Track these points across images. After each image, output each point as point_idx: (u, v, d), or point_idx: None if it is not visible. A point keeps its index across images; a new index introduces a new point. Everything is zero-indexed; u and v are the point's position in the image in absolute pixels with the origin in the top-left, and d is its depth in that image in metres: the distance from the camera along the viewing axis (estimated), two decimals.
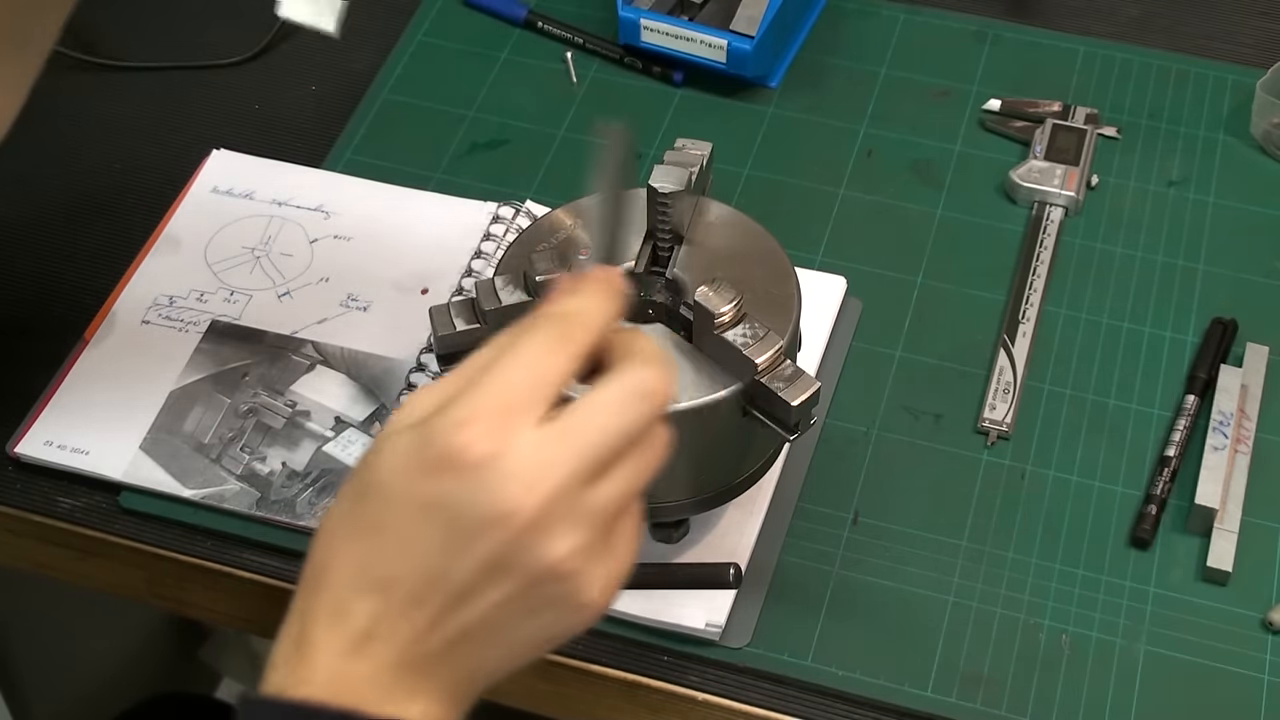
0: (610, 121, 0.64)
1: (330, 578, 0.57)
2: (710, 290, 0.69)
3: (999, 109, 1.02)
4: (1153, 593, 0.80)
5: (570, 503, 0.55)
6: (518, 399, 0.55)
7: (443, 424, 0.55)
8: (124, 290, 0.92)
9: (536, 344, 0.57)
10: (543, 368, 0.56)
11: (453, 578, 0.56)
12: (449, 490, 0.55)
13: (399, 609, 0.56)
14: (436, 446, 0.55)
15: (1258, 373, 0.88)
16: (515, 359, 0.56)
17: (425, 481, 0.55)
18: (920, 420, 0.87)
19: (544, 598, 0.57)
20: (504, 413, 0.55)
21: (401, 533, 0.56)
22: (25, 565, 0.89)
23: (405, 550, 0.56)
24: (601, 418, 0.56)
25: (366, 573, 0.57)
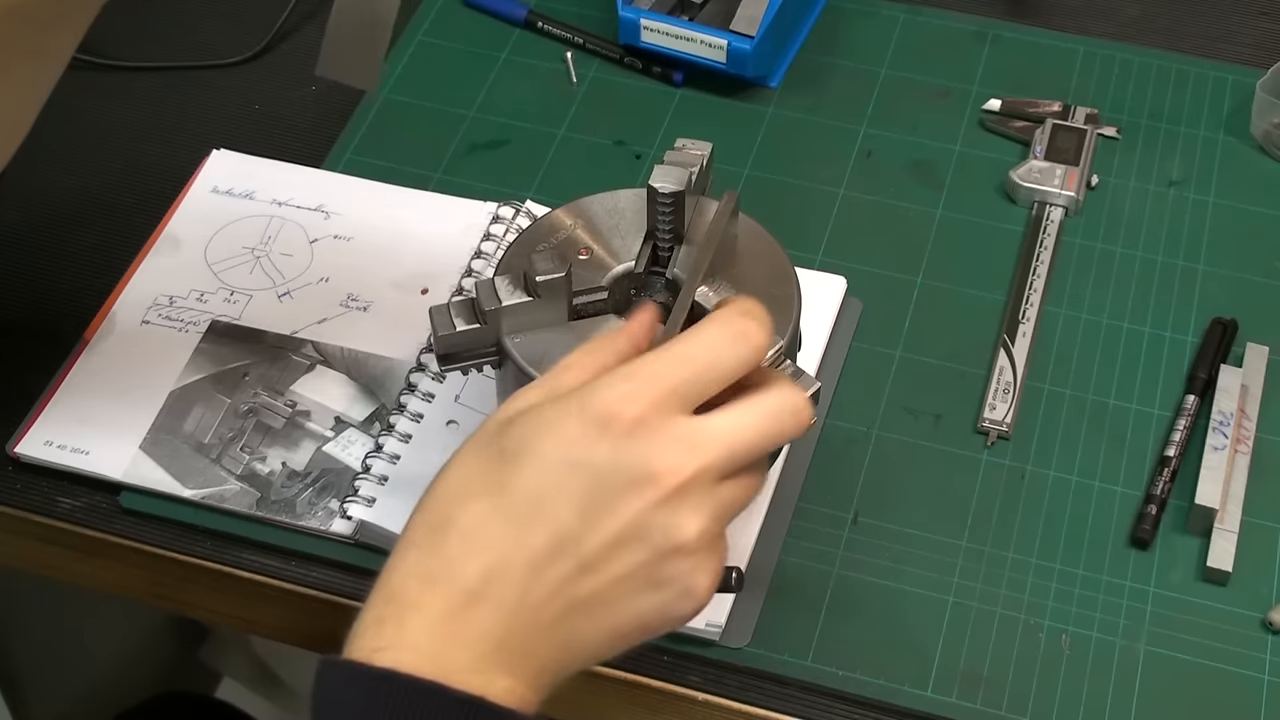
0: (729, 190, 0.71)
1: (445, 534, 0.57)
2: (710, 290, 0.69)
3: (999, 109, 1.02)
4: (1153, 593, 0.80)
5: (708, 490, 0.58)
6: (681, 383, 0.58)
7: (605, 392, 0.57)
8: (124, 290, 0.92)
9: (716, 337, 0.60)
10: (714, 361, 0.59)
11: (585, 542, 0.56)
12: (600, 451, 0.56)
13: (521, 569, 0.56)
14: (595, 408, 0.57)
15: (1258, 373, 0.88)
16: (691, 344, 0.59)
17: (575, 443, 0.57)
18: (920, 420, 0.87)
19: (665, 575, 0.58)
20: (667, 392, 0.57)
21: (538, 492, 0.57)
22: (25, 565, 0.89)
23: (539, 510, 0.57)
24: (753, 423, 0.59)
25: (491, 528, 0.57)
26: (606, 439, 0.57)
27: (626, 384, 0.58)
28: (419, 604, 0.56)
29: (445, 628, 0.56)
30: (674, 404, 0.58)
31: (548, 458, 0.57)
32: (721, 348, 0.59)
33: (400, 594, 0.57)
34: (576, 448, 0.57)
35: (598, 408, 0.57)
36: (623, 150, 1.01)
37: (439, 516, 0.58)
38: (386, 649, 0.55)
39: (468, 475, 0.59)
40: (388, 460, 0.83)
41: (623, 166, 1.00)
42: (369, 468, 0.83)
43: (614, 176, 0.98)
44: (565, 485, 0.57)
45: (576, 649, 0.58)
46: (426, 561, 0.57)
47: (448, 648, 0.55)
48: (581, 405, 0.57)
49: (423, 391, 0.86)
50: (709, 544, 0.58)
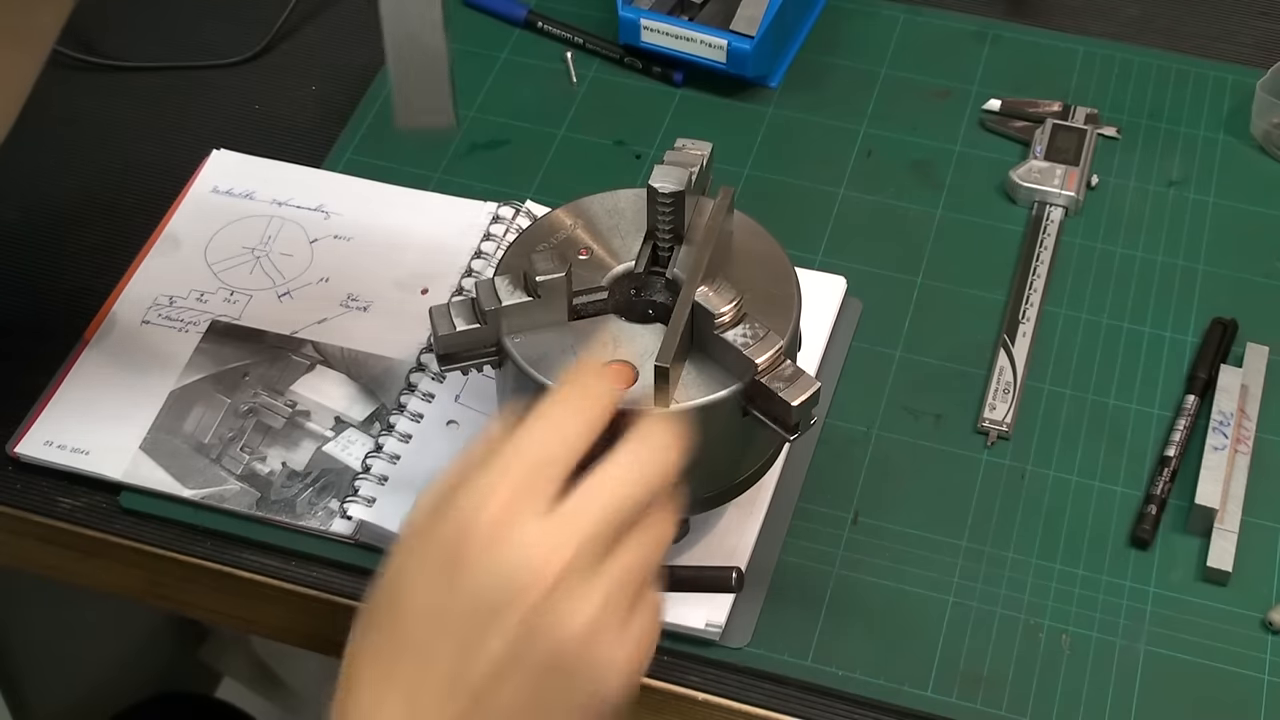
0: None
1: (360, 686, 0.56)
2: (710, 290, 0.69)
3: (999, 109, 1.02)
4: (1153, 593, 0.80)
5: (586, 571, 0.54)
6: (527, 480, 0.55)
7: (452, 516, 0.55)
8: (124, 290, 0.92)
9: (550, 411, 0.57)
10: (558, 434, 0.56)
11: (470, 679, 0.54)
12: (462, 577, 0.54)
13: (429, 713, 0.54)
14: (448, 540, 0.54)
15: (1258, 373, 0.88)
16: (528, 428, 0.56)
17: (435, 586, 0.55)
18: (920, 420, 0.87)
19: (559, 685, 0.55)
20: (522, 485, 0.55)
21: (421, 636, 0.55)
22: (25, 565, 0.89)
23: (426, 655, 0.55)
24: (615, 482, 0.56)
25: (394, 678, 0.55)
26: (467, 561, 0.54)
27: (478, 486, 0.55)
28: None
29: None
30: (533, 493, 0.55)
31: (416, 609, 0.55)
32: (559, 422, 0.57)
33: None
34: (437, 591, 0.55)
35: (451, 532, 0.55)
36: (623, 150, 1.01)
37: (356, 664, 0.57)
38: None
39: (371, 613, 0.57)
40: (388, 460, 0.83)
41: (623, 166, 1.00)
42: (369, 468, 0.83)
43: (614, 176, 0.97)
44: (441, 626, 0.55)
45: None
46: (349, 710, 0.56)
47: None
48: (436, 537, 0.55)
49: (423, 391, 0.86)
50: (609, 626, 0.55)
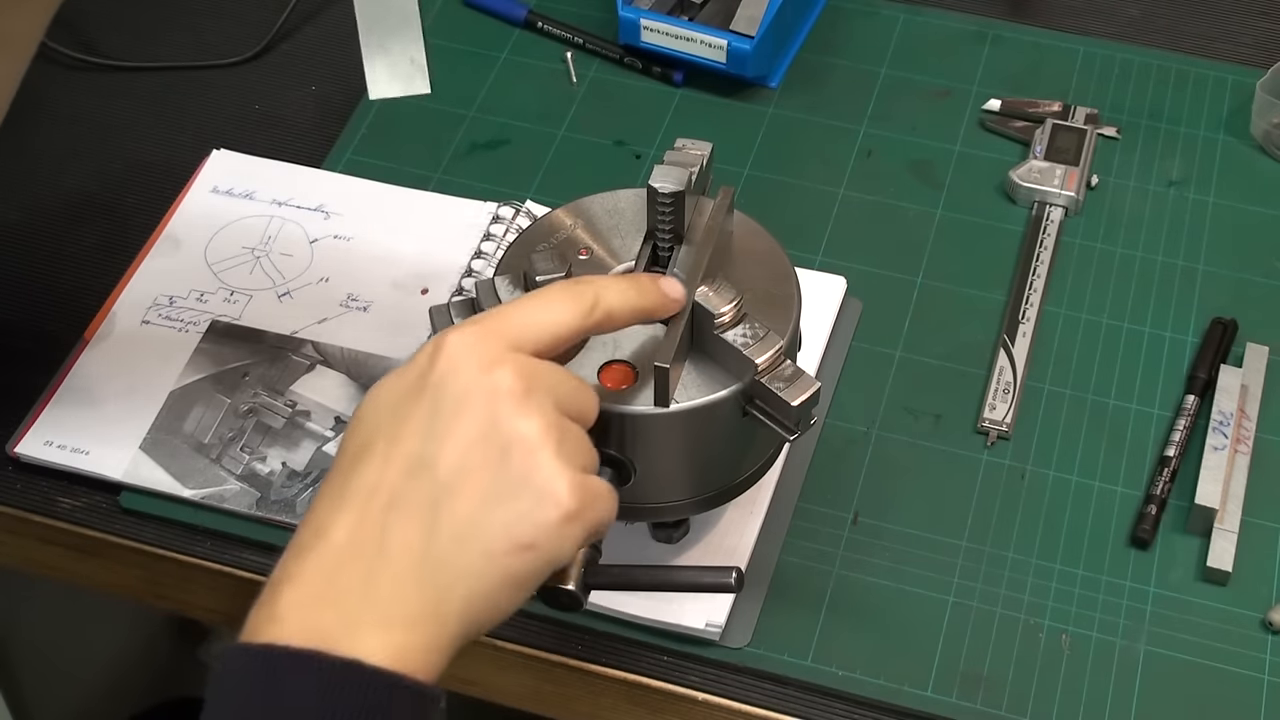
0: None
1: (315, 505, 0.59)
2: (710, 290, 0.69)
3: (999, 109, 1.02)
4: (1153, 593, 0.80)
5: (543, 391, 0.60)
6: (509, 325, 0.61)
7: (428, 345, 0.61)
8: (124, 290, 0.92)
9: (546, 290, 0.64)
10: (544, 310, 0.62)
11: (437, 460, 0.58)
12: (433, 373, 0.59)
13: (379, 510, 0.58)
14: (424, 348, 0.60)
15: (1258, 373, 0.88)
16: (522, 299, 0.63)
17: (409, 377, 0.60)
18: (920, 420, 0.87)
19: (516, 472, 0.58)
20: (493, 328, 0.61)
21: (387, 433, 0.59)
22: (25, 565, 0.89)
23: (390, 448, 0.59)
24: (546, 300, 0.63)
25: (351, 483, 0.59)
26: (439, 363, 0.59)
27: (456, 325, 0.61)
28: (291, 577, 0.57)
29: (314, 594, 0.56)
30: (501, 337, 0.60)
31: (388, 403, 0.60)
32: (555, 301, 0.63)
33: (278, 574, 0.58)
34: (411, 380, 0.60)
35: (427, 346, 0.60)
36: (623, 150, 1.01)
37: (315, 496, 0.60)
38: (261, 627, 0.56)
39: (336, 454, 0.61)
40: None
41: (623, 166, 1.00)
42: None
43: (614, 176, 0.98)
44: (408, 416, 0.59)
45: (454, 583, 0.57)
46: (301, 534, 0.59)
47: (314, 613, 0.56)
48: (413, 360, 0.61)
49: None
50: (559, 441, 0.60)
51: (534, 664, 0.80)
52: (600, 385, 0.70)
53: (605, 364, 0.70)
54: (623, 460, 0.70)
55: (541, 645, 0.79)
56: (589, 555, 0.67)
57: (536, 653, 0.79)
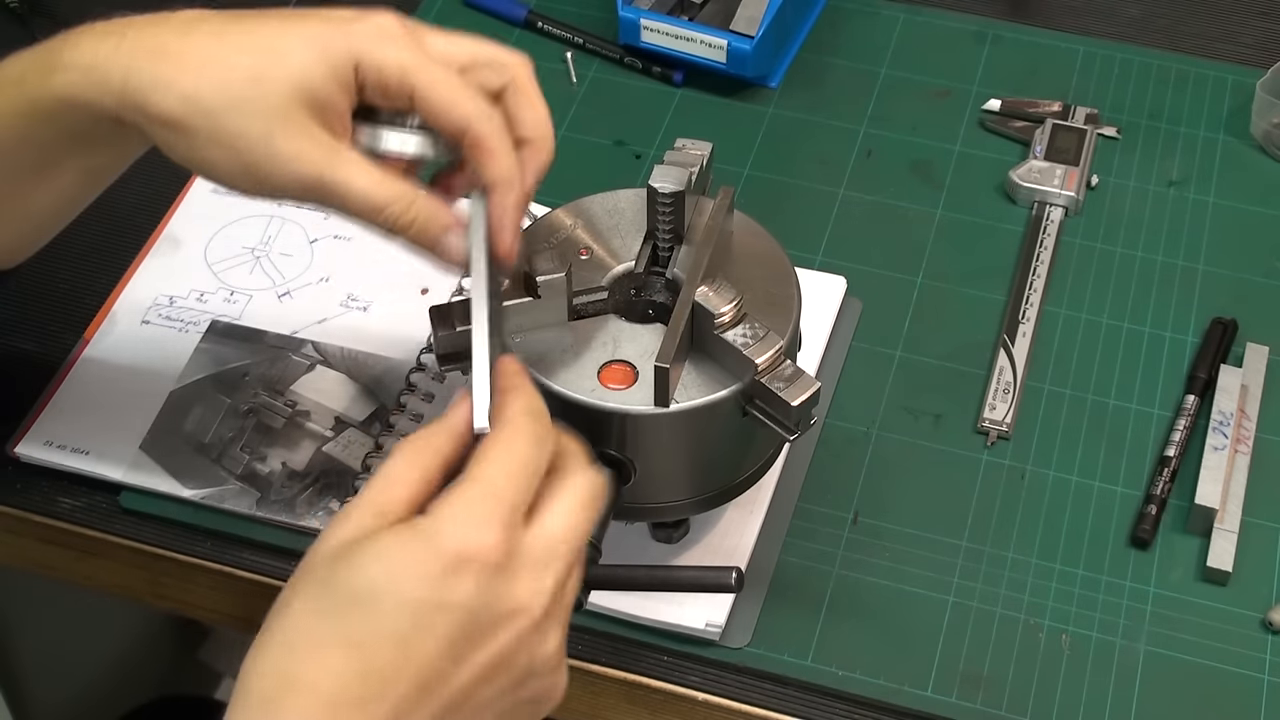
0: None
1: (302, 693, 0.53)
2: (710, 290, 0.69)
3: (999, 109, 1.02)
4: (1153, 593, 0.80)
5: (559, 602, 0.58)
6: (519, 500, 0.57)
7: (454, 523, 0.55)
8: (124, 290, 0.92)
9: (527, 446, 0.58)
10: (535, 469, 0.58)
11: (453, 682, 0.55)
12: (462, 590, 0.54)
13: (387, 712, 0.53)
14: (450, 546, 0.54)
15: (1258, 373, 0.88)
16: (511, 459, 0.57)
17: (435, 583, 0.54)
18: (920, 420, 0.87)
19: (528, 694, 0.57)
20: (509, 514, 0.56)
21: (402, 639, 0.54)
22: (25, 565, 0.89)
23: (404, 658, 0.53)
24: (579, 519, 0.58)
25: (351, 686, 0.53)
26: (467, 577, 0.54)
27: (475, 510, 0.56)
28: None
29: None
30: (518, 522, 0.56)
31: (405, 603, 0.54)
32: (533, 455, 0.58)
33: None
34: (437, 590, 0.54)
35: (452, 546, 0.54)
36: (623, 150, 1.01)
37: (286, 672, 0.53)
38: None
39: (311, 626, 0.54)
40: None
41: (623, 166, 1.00)
42: (369, 468, 0.83)
43: (614, 176, 0.97)
44: (430, 629, 0.54)
45: None
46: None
47: None
48: (435, 542, 0.55)
49: (423, 391, 0.86)
50: (563, 648, 0.59)
51: None
52: (600, 385, 0.70)
53: (605, 364, 0.70)
54: (623, 460, 0.70)
55: None
56: (589, 555, 0.67)
57: None
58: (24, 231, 0.77)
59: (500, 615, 0.55)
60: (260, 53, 0.64)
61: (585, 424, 0.69)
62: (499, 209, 0.67)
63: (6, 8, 1.10)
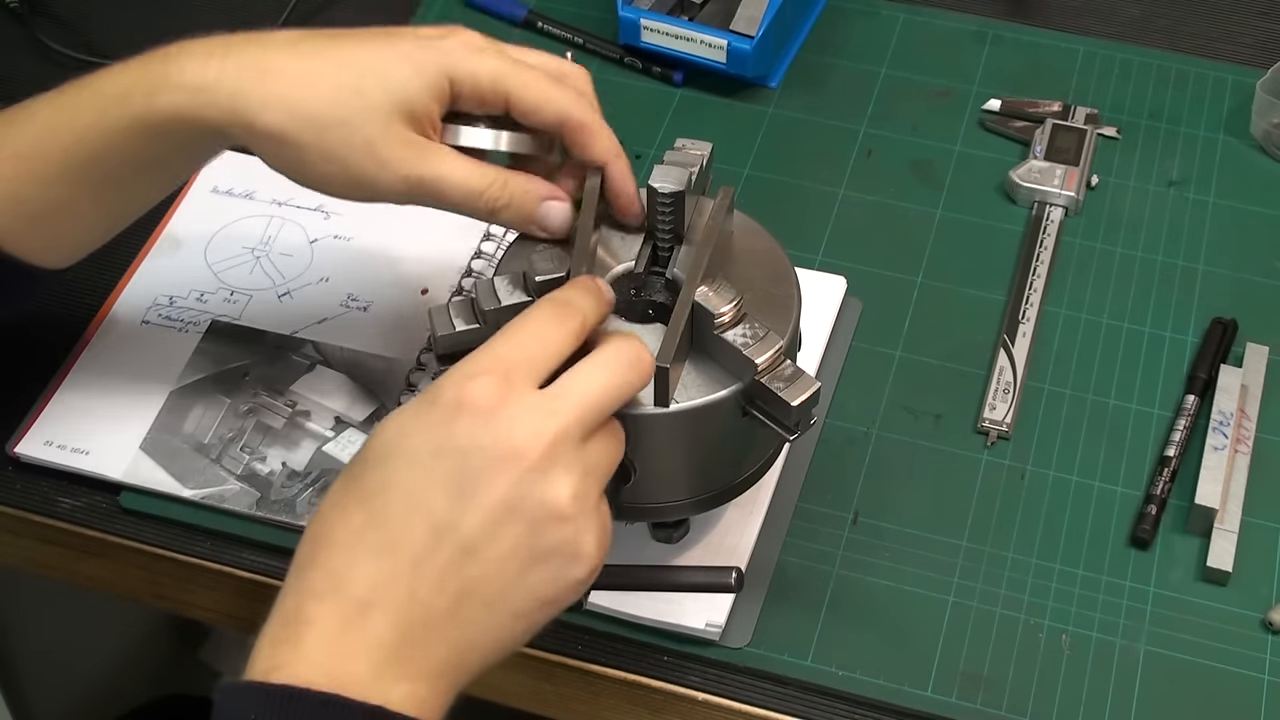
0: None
1: (329, 549, 0.58)
2: (710, 290, 0.69)
3: (999, 109, 1.02)
4: (1153, 593, 0.80)
5: (570, 452, 0.59)
6: (522, 360, 0.60)
7: (451, 378, 0.59)
8: (124, 290, 0.92)
9: (540, 317, 0.62)
10: (544, 338, 0.62)
11: (462, 526, 0.57)
12: (459, 434, 0.58)
13: (405, 568, 0.57)
14: (446, 397, 0.59)
15: (1258, 373, 0.88)
16: (520, 328, 0.62)
17: (434, 431, 0.58)
18: (920, 420, 0.87)
19: (548, 543, 0.59)
20: (510, 369, 0.60)
21: (408, 487, 0.58)
22: (25, 565, 0.89)
23: (412, 505, 0.58)
24: (600, 380, 0.61)
25: (370, 535, 0.58)
26: (463, 421, 0.58)
27: (472, 367, 0.60)
28: (312, 620, 0.57)
29: (339, 640, 0.56)
30: (520, 378, 0.59)
31: (410, 453, 0.58)
32: (544, 327, 0.62)
33: (294, 614, 0.57)
34: (436, 436, 0.58)
35: (450, 395, 0.59)
36: None
37: (322, 533, 0.59)
38: (283, 667, 0.56)
39: (341, 490, 0.60)
40: None
41: None
42: None
43: None
44: (432, 475, 0.58)
45: (479, 640, 0.59)
46: (315, 578, 0.58)
47: (343, 660, 0.56)
48: (434, 397, 0.59)
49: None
50: (586, 505, 0.60)
51: (534, 664, 0.79)
52: None
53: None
54: (623, 460, 0.70)
55: (541, 645, 0.79)
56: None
57: (536, 653, 0.79)
58: (97, 234, 0.80)
59: (496, 457, 0.58)
60: (362, 69, 0.70)
61: None
62: (620, 178, 0.73)
63: (6, 7, 1.10)
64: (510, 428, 0.58)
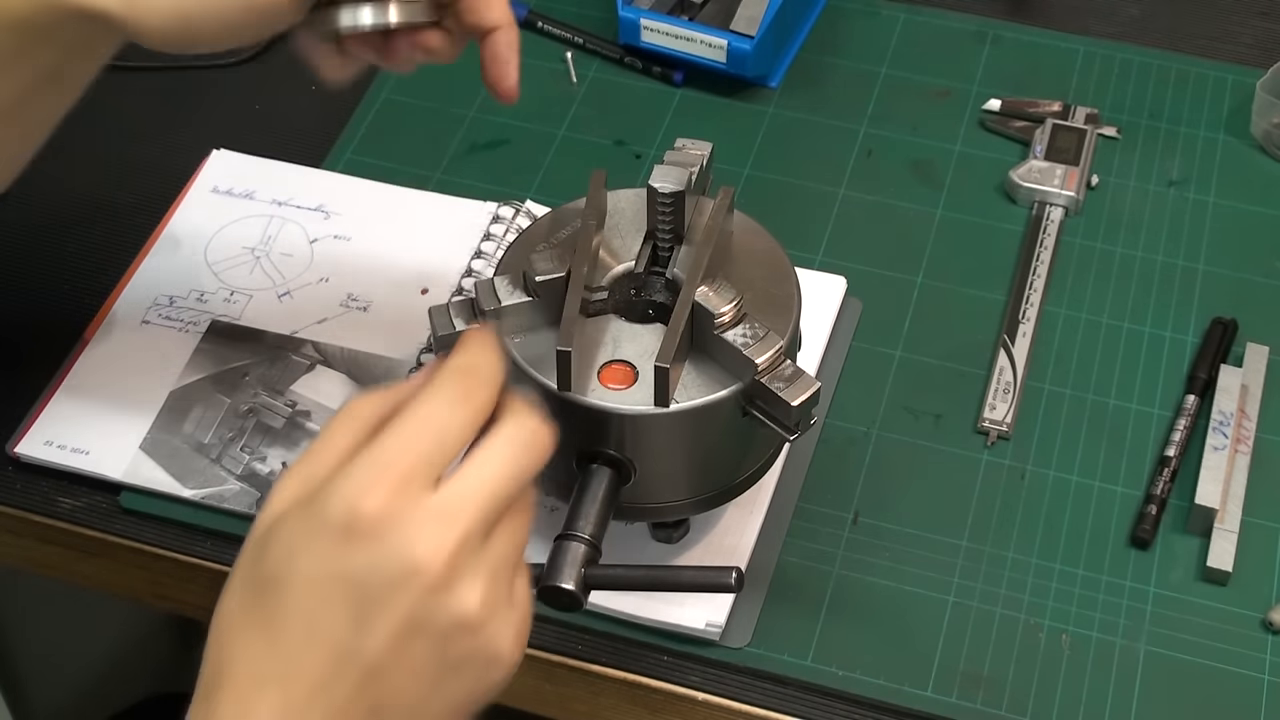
0: None
1: (232, 680, 0.54)
2: (710, 290, 0.69)
3: (999, 109, 1.02)
4: (1153, 593, 0.80)
5: (474, 556, 0.55)
6: (418, 463, 0.55)
7: (340, 493, 0.54)
8: (124, 290, 0.92)
9: (438, 401, 0.57)
10: (444, 430, 0.56)
11: (364, 652, 0.54)
12: (353, 558, 0.54)
13: (306, 698, 0.54)
14: (336, 517, 0.54)
15: (1258, 373, 0.88)
16: (416, 418, 0.56)
17: (326, 555, 0.54)
18: (920, 420, 0.87)
19: (458, 656, 0.55)
20: (403, 476, 0.54)
21: (304, 615, 0.54)
22: (25, 565, 0.89)
23: (310, 633, 0.54)
24: (496, 470, 0.56)
25: (267, 665, 0.54)
26: (356, 543, 0.54)
27: (362, 476, 0.54)
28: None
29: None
30: (415, 485, 0.55)
31: (305, 577, 0.54)
32: (445, 416, 0.56)
33: None
34: (330, 560, 0.54)
35: (339, 511, 0.54)
36: (623, 150, 1.01)
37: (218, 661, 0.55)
38: None
39: (235, 610, 0.56)
40: None
41: (623, 166, 0.99)
42: None
43: (614, 176, 0.97)
44: (329, 600, 0.54)
45: None
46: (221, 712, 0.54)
47: None
48: (323, 512, 0.54)
49: None
50: (496, 606, 0.56)
51: (534, 664, 0.79)
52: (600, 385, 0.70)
53: (605, 364, 0.70)
54: (623, 460, 0.70)
55: (541, 645, 0.79)
56: (588, 555, 0.67)
57: (536, 653, 0.79)
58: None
59: (394, 577, 0.54)
60: None
61: (585, 424, 0.70)
62: (506, 45, 0.71)
63: None
64: (407, 545, 0.54)
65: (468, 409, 0.57)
